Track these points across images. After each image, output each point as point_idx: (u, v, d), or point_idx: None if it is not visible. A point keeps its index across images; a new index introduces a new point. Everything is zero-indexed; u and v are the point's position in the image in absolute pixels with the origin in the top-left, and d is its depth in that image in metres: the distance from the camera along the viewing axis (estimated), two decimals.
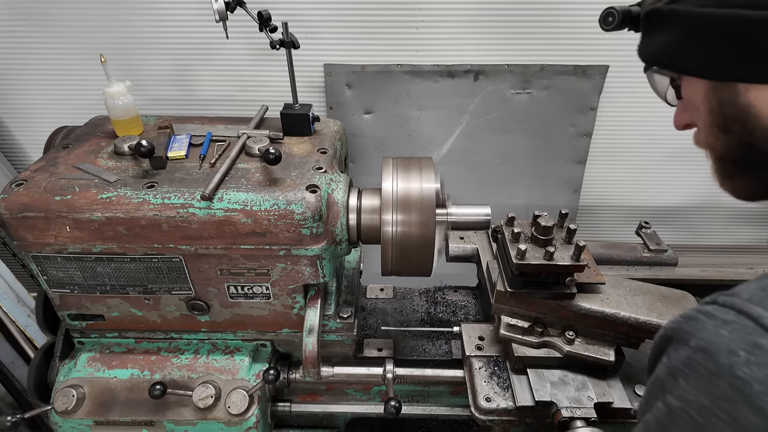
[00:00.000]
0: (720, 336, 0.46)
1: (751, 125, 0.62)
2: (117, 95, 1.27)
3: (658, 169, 2.31)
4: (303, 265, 1.17)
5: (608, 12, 0.76)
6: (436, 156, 2.25)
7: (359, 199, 1.20)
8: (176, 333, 1.32)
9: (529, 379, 1.17)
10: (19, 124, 2.25)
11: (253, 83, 2.10)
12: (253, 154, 1.23)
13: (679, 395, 0.48)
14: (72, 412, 1.21)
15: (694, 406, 0.47)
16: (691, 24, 0.63)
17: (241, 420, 1.23)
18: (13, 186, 1.11)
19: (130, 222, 1.08)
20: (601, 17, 0.78)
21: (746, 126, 0.63)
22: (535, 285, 1.15)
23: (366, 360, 1.42)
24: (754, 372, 0.42)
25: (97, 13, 1.94)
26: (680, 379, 0.49)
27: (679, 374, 0.49)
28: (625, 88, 2.08)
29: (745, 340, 0.44)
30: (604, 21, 0.78)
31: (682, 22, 0.64)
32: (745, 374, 0.42)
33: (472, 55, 2.02)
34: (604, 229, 2.54)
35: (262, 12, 1.38)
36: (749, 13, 0.56)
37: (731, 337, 0.45)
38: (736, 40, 0.59)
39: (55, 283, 1.19)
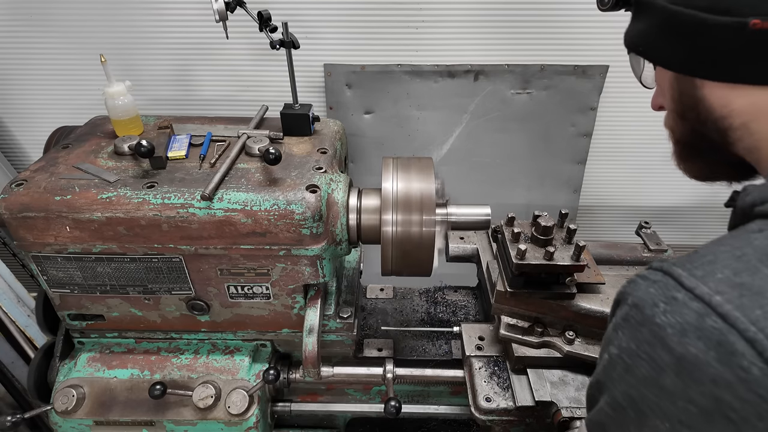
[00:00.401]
0: (648, 293, 0.54)
1: (703, 116, 0.69)
2: (117, 95, 1.27)
3: (658, 169, 2.31)
4: (303, 265, 1.17)
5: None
6: (436, 156, 2.25)
7: (359, 199, 1.20)
8: (176, 333, 1.32)
9: (529, 379, 1.17)
10: (19, 124, 2.25)
11: (253, 83, 2.10)
12: (253, 154, 1.23)
13: (617, 345, 0.57)
14: (72, 412, 1.21)
15: (625, 351, 0.55)
16: (663, 18, 0.68)
17: (241, 420, 1.23)
18: (13, 186, 1.11)
19: (130, 222, 1.08)
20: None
21: (699, 116, 0.70)
22: (535, 285, 1.15)
23: (366, 360, 1.43)
24: (668, 319, 0.50)
25: (97, 13, 1.94)
26: (619, 332, 0.57)
27: (619, 328, 0.57)
28: (625, 88, 2.08)
29: (665, 294, 0.52)
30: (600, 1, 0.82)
31: (658, 14, 0.69)
32: (662, 321, 0.51)
33: (472, 55, 2.02)
34: (604, 229, 2.54)
35: (262, 12, 1.38)
36: (707, 16, 0.62)
37: (655, 293, 0.53)
38: (695, 39, 0.65)
39: (55, 283, 1.19)
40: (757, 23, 0.58)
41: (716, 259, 0.52)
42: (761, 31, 0.58)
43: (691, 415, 0.49)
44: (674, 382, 0.50)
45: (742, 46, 0.61)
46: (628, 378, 0.55)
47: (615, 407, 0.57)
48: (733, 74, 0.64)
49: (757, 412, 0.45)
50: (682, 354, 0.49)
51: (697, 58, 0.66)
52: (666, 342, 0.50)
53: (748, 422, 0.45)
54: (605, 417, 0.59)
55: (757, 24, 0.58)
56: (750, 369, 0.45)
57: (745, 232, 0.55)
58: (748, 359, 0.45)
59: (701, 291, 0.49)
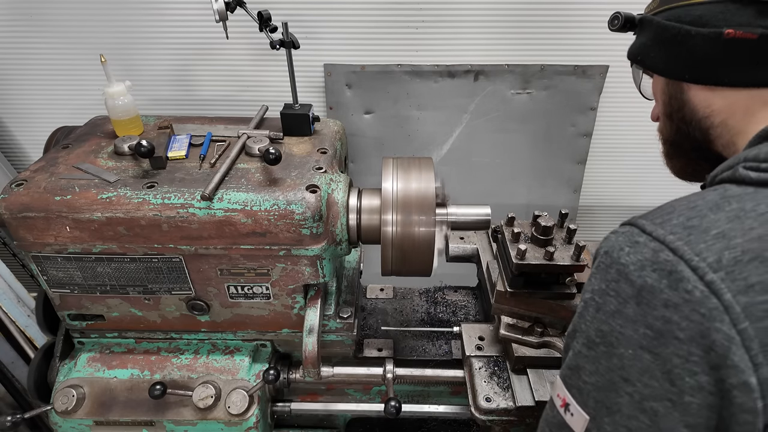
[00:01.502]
0: (617, 241, 0.62)
1: (689, 117, 0.80)
2: (117, 95, 1.27)
3: (658, 169, 2.27)
4: (303, 265, 1.17)
5: (615, 15, 0.92)
6: (436, 156, 2.25)
7: (359, 199, 1.20)
8: (176, 333, 1.32)
9: (529, 379, 1.17)
10: (19, 124, 2.25)
11: (253, 83, 2.10)
12: (253, 154, 1.23)
13: (590, 289, 0.64)
14: (72, 412, 1.21)
15: (597, 293, 0.62)
16: (657, 32, 0.81)
17: (241, 420, 1.23)
18: (13, 186, 1.11)
19: (130, 222, 1.08)
20: (609, 19, 0.94)
21: (685, 116, 0.81)
22: (535, 285, 1.15)
23: (366, 360, 1.42)
24: (631, 258, 0.58)
25: (97, 13, 1.94)
26: (592, 279, 0.64)
27: (591, 276, 0.64)
28: (625, 88, 2.08)
29: (629, 240, 0.60)
30: (611, 22, 0.94)
31: (653, 29, 0.82)
32: (626, 260, 0.59)
33: (472, 55, 2.02)
34: (604, 229, 2.54)
35: (262, 12, 1.38)
36: (690, 28, 0.74)
37: (622, 240, 0.61)
38: (681, 48, 0.76)
39: (55, 283, 1.19)
40: (731, 32, 0.69)
41: (674, 210, 0.61)
42: (734, 39, 0.69)
43: (648, 338, 0.55)
44: (635, 310, 0.57)
45: (719, 52, 0.72)
46: (600, 315, 0.61)
47: (589, 345, 0.62)
48: (713, 77, 0.74)
49: (699, 330, 0.52)
50: (642, 285, 0.56)
51: (683, 64, 0.77)
52: (628, 276, 0.58)
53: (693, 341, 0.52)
54: (580, 359, 0.64)
55: (730, 33, 0.69)
56: (693, 291, 0.52)
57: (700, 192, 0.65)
58: (692, 283, 0.53)
59: (658, 233, 0.58)
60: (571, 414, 0.64)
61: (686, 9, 0.75)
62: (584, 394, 0.62)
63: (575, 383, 0.64)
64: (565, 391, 0.66)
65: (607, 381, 0.59)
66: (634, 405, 0.57)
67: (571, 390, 0.65)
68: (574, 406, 0.64)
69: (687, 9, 0.75)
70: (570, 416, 0.64)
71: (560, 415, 0.66)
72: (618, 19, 0.91)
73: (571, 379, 0.65)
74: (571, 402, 0.64)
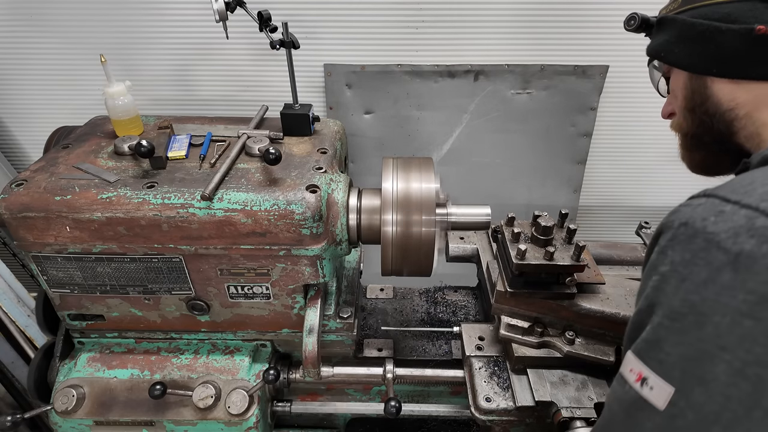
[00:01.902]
0: (695, 212, 0.61)
1: (712, 109, 0.83)
2: (117, 95, 1.27)
3: (658, 169, 2.31)
4: (303, 265, 1.17)
5: (631, 16, 0.95)
6: (436, 156, 2.25)
7: (359, 199, 1.20)
8: (176, 333, 1.32)
9: (529, 379, 1.17)
10: (19, 124, 2.25)
11: (253, 83, 2.10)
12: (253, 154, 1.23)
13: (668, 262, 0.62)
14: (72, 412, 1.21)
15: (679, 264, 0.60)
16: (683, 29, 0.84)
17: (241, 420, 1.23)
18: (13, 186, 1.11)
19: (130, 222, 1.08)
20: (625, 19, 0.96)
21: (708, 110, 0.83)
22: (535, 285, 1.15)
23: (366, 360, 1.42)
24: (719, 227, 0.57)
25: (97, 13, 1.94)
26: (668, 252, 0.62)
27: (667, 249, 0.63)
28: (625, 88, 2.08)
29: (713, 210, 0.59)
30: (627, 22, 0.96)
31: (678, 27, 0.85)
32: (714, 229, 0.57)
33: (472, 55, 2.02)
34: (604, 229, 2.54)
35: (262, 12, 1.38)
36: (720, 25, 0.77)
37: (703, 211, 0.60)
38: (709, 44, 0.79)
39: (55, 283, 1.19)
40: (762, 29, 0.72)
41: (753, 181, 0.60)
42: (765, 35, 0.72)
43: (750, 303, 0.54)
44: (732, 277, 0.55)
45: (748, 47, 0.75)
46: (686, 285, 0.59)
47: (673, 317, 0.60)
48: (741, 71, 0.78)
49: None
50: (738, 251, 0.55)
51: (710, 59, 0.80)
52: (720, 245, 0.56)
53: None
54: (662, 331, 0.62)
55: (761, 29, 0.72)
56: None
57: None
58: None
59: (747, 201, 0.57)
60: (650, 388, 0.62)
61: (713, 7, 0.78)
62: (667, 365, 0.61)
63: (655, 356, 0.62)
64: (641, 365, 0.63)
65: (697, 351, 0.58)
66: (733, 372, 0.55)
67: (650, 363, 0.62)
68: (654, 378, 0.62)
69: (714, 7, 0.78)
70: (649, 390, 0.62)
71: (634, 390, 0.64)
72: (634, 20, 0.94)
73: (650, 352, 0.63)
74: (649, 375, 0.62)
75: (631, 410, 0.65)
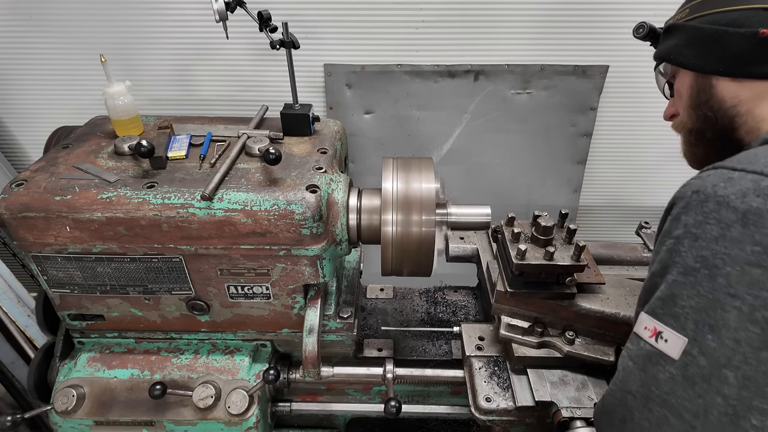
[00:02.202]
0: (706, 181, 0.67)
1: (716, 106, 0.90)
2: (117, 95, 1.27)
3: (658, 169, 2.31)
4: (303, 265, 1.17)
5: (640, 24, 1.05)
6: (436, 156, 2.25)
7: (359, 199, 1.20)
8: (176, 333, 1.32)
9: (529, 379, 1.17)
10: (19, 124, 2.25)
11: (253, 83, 2.10)
12: (253, 154, 1.23)
13: (682, 226, 0.68)
14: (72, 412, 1.21)
15: (692, 226, 0.67)
16: (691, 33, 0.92)
17: (241, 420, 1.23)
18: (13, 186, 1.11)
19: (130, 222, 1.08)
20: (634, 28, 1.06)
21: (713, 106, 0.90)
22: (535, 285, 1.15)
23: (366, 360, 1.43)
24: (728, 190, 0.64)
25: (97, 13, 1.94)
26: (682, 217, 0.68)
27: (681, 215, 0.69)
28: (625, 88, 2.08)
29: (722, 177, 0.66)
30: (636, 30, 1.06)
31: (688, 32, 0.93)
32: (724, 192, 0.64)
33: (472, 55, 2.02)
34: (604, 229, 2.54)
35: (262, 12, 1.38)
36: (727, 29, 0.85)
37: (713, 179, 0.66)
38: (716, 46, 0.87)
39: (55, 283, 1.19)
40: (765, 32, 0.80)
41: (757, 155, 0.67)
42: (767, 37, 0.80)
43: (757, 254, 0.60)
44: (741, 232, 0.61)
45: (752, 49, 0.83)
46: (699, 243, 0.65)
47: (687, 273, 0.66)
48: (744, 71, 0.85)
49: None
50: (746, 209, 0.61)
51: (717, 60, 0.88)
52: (730, 204, 0.63)
53: None
54: (676, 287, 0.67)
55: (765, 32, 0.80)
56: None
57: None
58: None
59: (753, 168, 0.64)
60: (665, 340, 0.67)
61: (721, 15, 0.87)
62: (681, 318, 0.66)
63: (669, 311, 0.68)
64: (655, 322, 0.69)
65: (709, 301, 0.63)
66: (743, 317, 0.60)
67: (664, 318, 0.68)
68: (669, 332, 0.67)
69: (722, 14, 0.87)
70: (663, 343, 0.67)
71: (650, 345, 0.69)
72: (643, 28, 1.04)
73: (664, 308, 0.68)
74: (664, 330, 0.68)
75: (646, 364, 0.69)
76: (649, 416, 0.68)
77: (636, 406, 0.70)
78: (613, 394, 0.76)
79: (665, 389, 0.67)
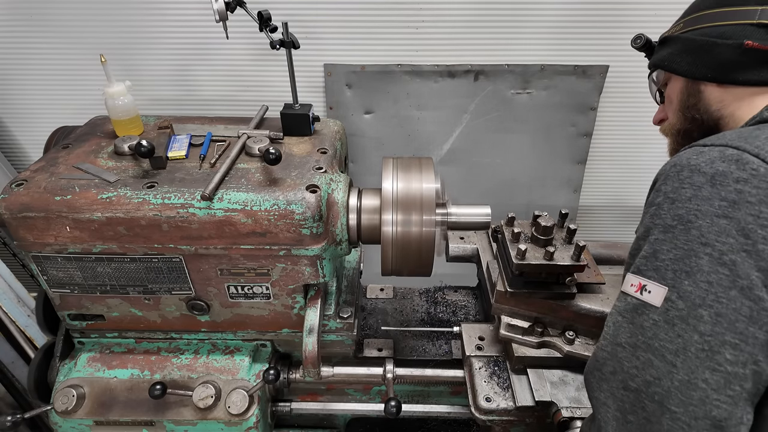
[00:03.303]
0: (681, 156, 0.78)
1: (703, 109, 1.00)
2: (117, 95, 1.27)
3: (658, 168, 2.30)
4: (303, 265, 1.17)
5: (638, 36, 1.14)
6: (436, 156, 2.25)
7: (359, 199, 1.20)
8: (176, 333, 1.32)
9: (529, 379, 1.17)
10: (19, 124, 2.25)
11: (253, 83, 2.10)
12: (253, 154, 1.23)
13: (662, 194, 0.78)
14: (72, 412, 1.21)
15: (669, 192, 0.77)
16: (684, 44, 1.02)
17: (241, 420, 1.23)
18: (13, 186, 1.11)
19: (130, 222, 1.08)
20: (633, 38, 1.15)
21: (699, 109, 1.01)
22: (535, 285, 1.15)
23: (366, 360, 1.43)
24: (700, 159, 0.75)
25: (97, 13, 1.94)
26: (662, 187, 0.78)
27: (661, 186, 0.79)
28: (625, 88, 2.08)
29: (695, 152, 0.77)
30: (634, 40, 1.15)
31: (682, 42, 1.03)
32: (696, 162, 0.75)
33: (472, 55, 2.02)
34: (604, 229, 2.54)
35: (262, 12, 1.38)
36: (716, 40, 0.95)
37: (687, 154, 0.77)
38: (706, 55, 0.97)
39: (55, 283, 1.19)
40: (750, 43, 0.91)
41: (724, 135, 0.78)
42: (752, 48, 0.91)
43: (723, 207, 0.70)
44: (710, 191, 0.72)
45: (737, 58, 0.93)
46: (675, 205, 0.75)
47: (665, 230, 0.75)
48: (730, 78, 0.95)
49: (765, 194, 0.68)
50: (714, 172, 0.72)
51: (707, 67, 0.97)
52: (701, 169, 0.73)
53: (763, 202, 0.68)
54: (657, 244, 0.76)
55: (749, 44, 0.91)
56: (758, 168, 0.69)
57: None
58: (756, 164, 0.70)
59: (720, 142, 0.75)
60: (648, 292, 0.75)
61: (712, 28, 0.97)
62: (662, 270, 0.74)
63: (651, 265, 0.76)
64: (639, 278, 0.77)
65: (685, 252, 0.72)
66: (713, 262, 0.69)
67: (647, 273, 0.76)
68: (652, 284, 0.75)
69: (713, 28, 0.97)
70: (648, 294, 0.75)
71: (635, 298, 0.77)
72: (641, 39, 1.14)
73: (647, 264, 0.77)
74: (647, 283, 0.76)
75: (633, 316, 0.77)
76: (636, 363, 0.74)
77: (625, 356, 0.76)
78: (603, 348, 0.81)
79: (649, 335, 0.74)
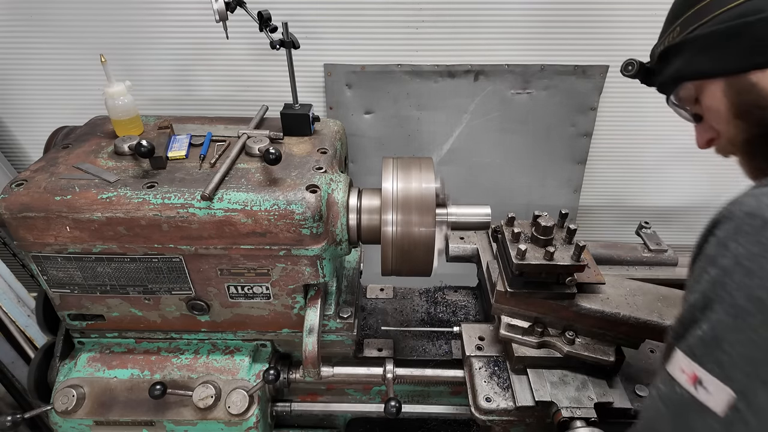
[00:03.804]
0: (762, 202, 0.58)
1: (764, 102, 0.77)
2: (117, 95, 1.27)
3: (658, 169, 2.31)
4: (303, 265, 1.17)
5: (629, 62, 0.95)
6: (436, 156, 2.25)
7: (359, 199, 1.20)
8: (176, 333, 1.32)
9: (529, 379, 1.17)
10: (19, 124, 2.25)
11: (253, 83, 2.10)
12: (253, 154, 1.23)
13: (731, 255, 0.58)
14: (72, 412, 1.21)
15: (744, 258, 0.57)
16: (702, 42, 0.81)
17: (241, 420, 1.23)
18: (13, 186, 1.11)
19: (130, 222, 1.08)
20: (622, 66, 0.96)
21: (760, 104, 0.77)
22: (535, 285, 1.15)
23: (366, 360, 1.43)
24: None
25: (97, 13, 1.94)
26: (731, 244, 0.59)
27: (729, 241, 0.59)
28: (625, 88, 2.08)
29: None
30: (624, 68, 0.97)
31: (693, 43, 0.82)
32: None
33: (472, 55, 2.02)
34: (604, 229, 2.54)
35: (262, 12, 1.38)
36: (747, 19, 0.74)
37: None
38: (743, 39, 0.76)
39: (55, 283, 1.19)
40: None
41: None
42: None
43: None
44: None
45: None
46: (753, 281, 0.56)
47: (737, 315, 0.57)
48: None
49: None
50: None
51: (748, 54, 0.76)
52: None
53: None
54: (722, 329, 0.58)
55: None
56: None
57: None
58: None
59: None
60: (705, 390, 0.59)
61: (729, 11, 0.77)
62: (727, 367, 0.57)
63: (713, 356, 0.58)
64: (694, 366, 0.60)
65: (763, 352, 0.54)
66: None
67: (707, 365, 0.59)
68: (712, 380, 0.58)
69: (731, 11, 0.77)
70: (704, 393, 0.59)
71: (687, 393, 0.61)
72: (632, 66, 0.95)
73: (706, 351, 0.59)
74: (704, 377, 0.59)
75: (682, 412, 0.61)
76: None
77: None
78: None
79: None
